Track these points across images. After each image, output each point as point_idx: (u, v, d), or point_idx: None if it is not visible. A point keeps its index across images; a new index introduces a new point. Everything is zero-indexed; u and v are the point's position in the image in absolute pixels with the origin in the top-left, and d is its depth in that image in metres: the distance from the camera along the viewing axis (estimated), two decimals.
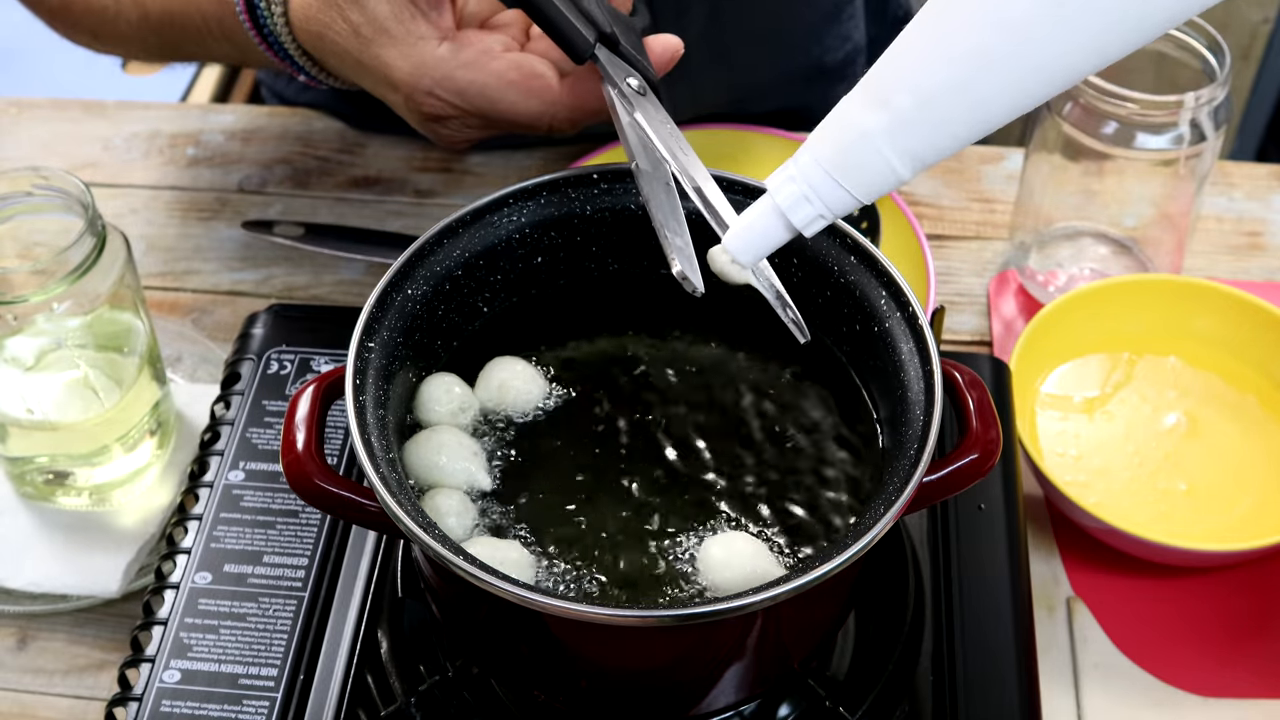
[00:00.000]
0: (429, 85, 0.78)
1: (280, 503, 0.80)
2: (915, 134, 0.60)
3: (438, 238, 0.73)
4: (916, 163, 0.61)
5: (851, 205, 0.63)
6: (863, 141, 0.61)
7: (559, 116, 0.79)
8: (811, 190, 0.62)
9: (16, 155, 1.17)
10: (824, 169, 0.62)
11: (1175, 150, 0.94)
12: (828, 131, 0.62)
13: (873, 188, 0.62)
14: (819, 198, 0.62)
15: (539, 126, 0.79)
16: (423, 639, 0.75)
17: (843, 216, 0.64)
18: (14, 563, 0.87)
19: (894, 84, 0.60)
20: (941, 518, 0.79)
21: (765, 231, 0.64)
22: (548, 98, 0.78)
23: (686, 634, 0.63)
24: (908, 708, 0.73)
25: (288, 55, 0.87)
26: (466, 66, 0.78)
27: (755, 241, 0.64)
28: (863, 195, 0.62)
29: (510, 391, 0.73)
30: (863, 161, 0.61)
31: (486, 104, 0.78)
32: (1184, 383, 0.94)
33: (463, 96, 0.78)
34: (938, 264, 1.05)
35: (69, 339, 0.85)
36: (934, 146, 0.61)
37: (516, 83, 0.78)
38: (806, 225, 0.63)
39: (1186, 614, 0.86)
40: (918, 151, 0.61)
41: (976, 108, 0.60)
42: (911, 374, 0.68)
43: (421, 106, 0.80)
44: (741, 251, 0.65)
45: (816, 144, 0.62)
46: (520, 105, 0.78)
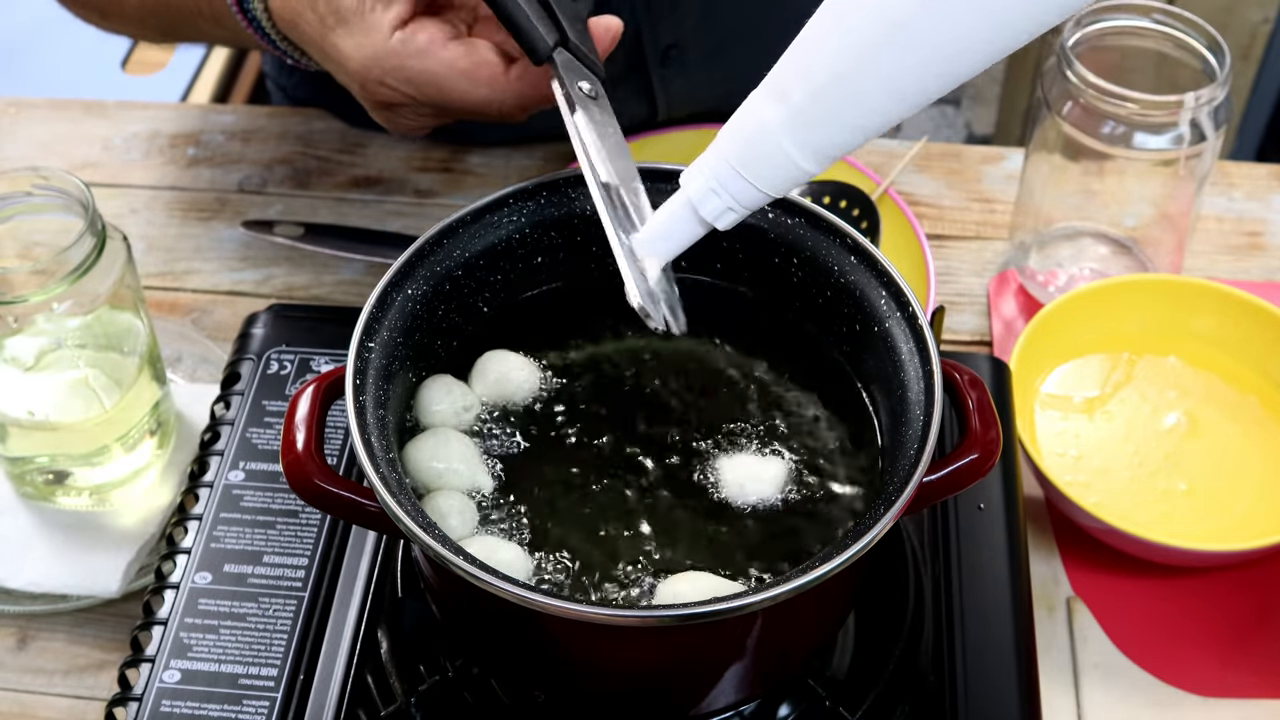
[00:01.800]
0: (379, 75, 0.80)
1: (280, 503, 0.80)
2: (811, 127, 0.62)
3: (438, 238, 0.73)
4: (818, 155, 0.62)
5: (759, 198, 0.64)
6: (763, 136, 0.62)
7: (507, 104, 0.80)
8: (719, 184, 0.64)
9: (16, 155, 1.17)
10: (729, 163, 0.63)
11: (1175, 150, 0.94)
12: (734, 126, 0.63)
13: (776, 181, 0.63)
14: (726, 191, 0.64)
15: (489, 114, 0.81)
16: (423, 639, 0.75)
17: (753, 209, 0.65)
18: (14, 563, 0.87)
19: (789, 78, 0.62)
20: (941, 518, 0.79)
21: (679, 225, 0.66)
22: (496, 86, 0.79)
23: (686, 634, 0.63)
24: (908, 708, 0.73)
25: (273, 42, 0.89)
26: (417, 55, 0.79)
27: (671, 236, 0.66)
28: (767, 188, 0.64)
29: (508, 384, 0.73)
30: (764, 155, 0.63)
31: (436, 92, 0.80)
32: (1184, 383, 0.94)
33: (413, 85, 0.80)
34: (938, 264, 1.05)
35: (69, 339, 0.85)
36: (830, 140, 0.62)
37: (466, 71, 0.79)
38: (716, 218, 0.65)
39: (1186, 614, 0.86)
40: (816, 144, 0.62)
41: (864, 101, 0.61)
42: (911, 374, 0.68)
43: (375, 95, 0.82)
44: (657, 245, 0.67)
45: (724, 138, 0.64)
46: (470, 93, 0.80)
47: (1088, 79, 0.93)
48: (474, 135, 1.14)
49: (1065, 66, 0.94)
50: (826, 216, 0.73)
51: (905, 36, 0.59)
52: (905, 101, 0.61)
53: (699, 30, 1.10)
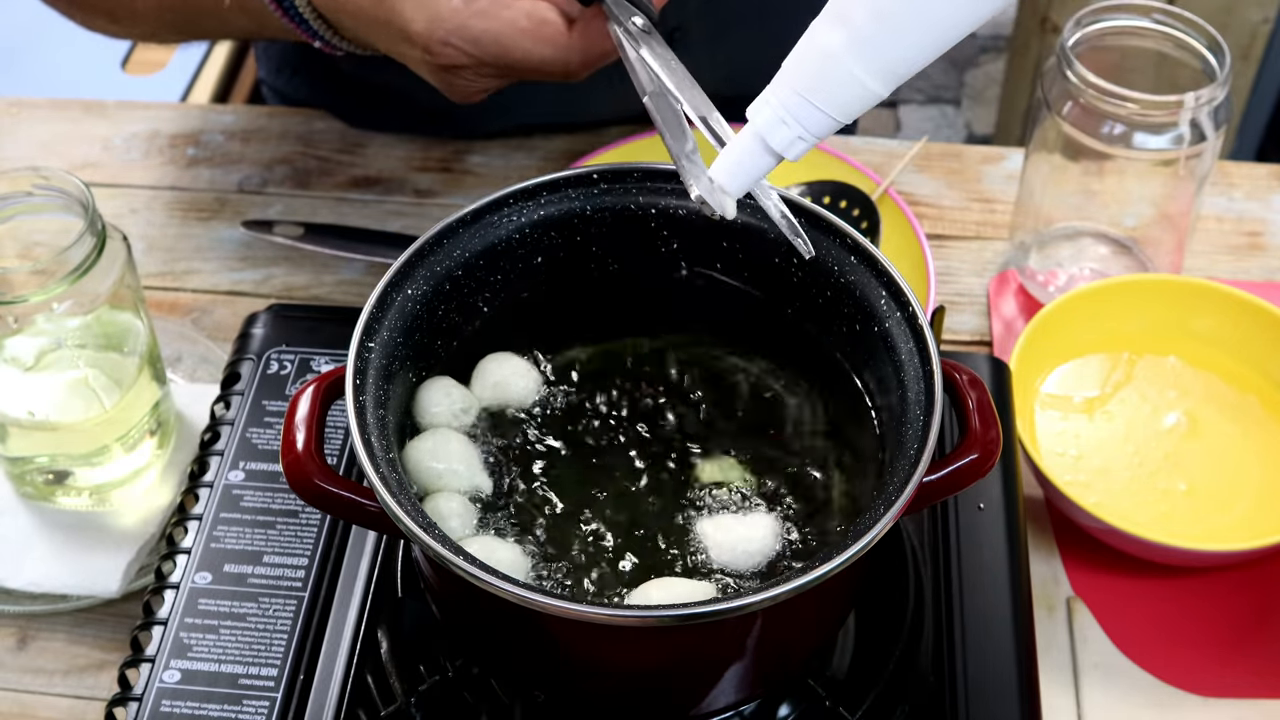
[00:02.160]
0: (443, 35, 0.80)
1: (280, 503, 0.80)
2: (876, 47, 0.61)
3: (438, 238, 0.73)
4: (886, 75, 0.62)
5: (829, 125, 0.64)
6: (828, 60, 0.62)
7: (572, 61, 0.80)
8: (787, 113, 0.63)
9: (16, 155, 1.17)
10: (796, 91, 0.63)
11: (1175, 150, 0.94)
12: (798, 54, 0.63)
13: (847, 106, 0.63)
14: (795, 119, 0.63)
15: (553, 72, 0.81)
16: (423, 639, 0.75)
17: (823, 137, 0.64)
18: (14, 563, 0.87)
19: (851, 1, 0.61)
20: (941, 518, 0.79)
21: (749, 158, 0.65)
22: (560, 43, 0.80)
23: (686, 634, 0.63)
24: (908, 708, 0.73)
25: (303, 21, 0.88)
26: (480, 15, 0.79)
27: (741, 170, 0.66)
28: (837, 114, 0.63)
29: (508, 389, 0.73)
30: (831, 80, 0.62)
31: (501, 51, 0.80)
32: (1184, 383, 0.94)
33: (478, 45, 0.80)
34: (938, 264, 1.05)
35: (69, 339, 0.85)
36: (899, 58, 0.62)
37: (529, 30, 0.79)
38: (786, 148, 0.64)
39: (1186, 614, 0.86)
40: (883, 65, 0.62)
41: (930, 15, 0.60)
42: (911, 374, 0.68)
43: (438, 58, 0.81)
44: (730, 180, 0.66)
45: (789, 67, 0.63)
46: (534, 52, 0.80)
47: (1088, 79, 0.93)
48: (475, 129, 1.14)
49: (1065, 66, 0.94)
50: (826, 216, 0.73)
51: None
52: (968, 11, 0.61)
53: (702, 13, 1.10)
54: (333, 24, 0.88)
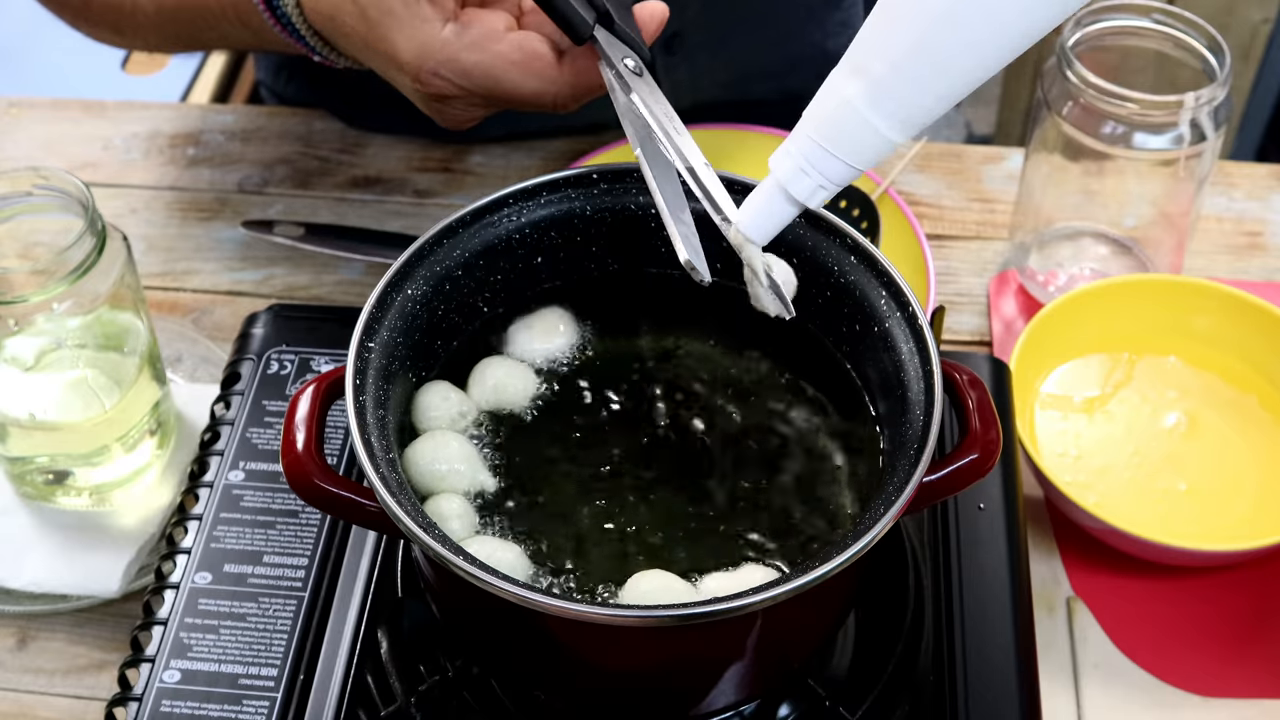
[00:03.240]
0: (434, 66, 0.80)
1: (280, 503, 0.80)
2: (894, 97, 0.62)
3: (438, 238, 0.73)
4: (905, 125, 0.63)
5: (849, 174, 0.65)
6: (846, 110, 0.63)
7: (561, 94, 0.80)
8: (807, 163, 0.64)
9: (16, 155, 1.17)
10: (815, 141, 0.64)
11: (1175, 150, 0.94)
12: (817, 104, 0.64)
13: (865, 154, 0.64)
14: (815, 169, 0.64)
15: (542, 104, 0.81)
16: (423, 639, 0.75)
17: (844, 185, 0.65)
18: (14, 563, 0.87)
19: (869, 51, 0.62)
20: (941, 518, 0.79)
21: (771, 208, 0.66)
22: (549, 76, 0.79)
23: (686, 634, 0.63)
24: (908, 708, 0.73)
25: (301, 37, 0.88)
26: (470, 48, 0.79)
27: (763, 219, 0.67)
28: (856, 162, 0.64)
29: (506, 390, 0.73)
30: (849, 129, 0.63)
31: (491, 83, 0.80)
32: (1184, 383, 0.94)
33: (467, 77, 0.80)
34: (938, 264, 1.05)
35: (69, 339, 0.85)
36: (917, 107, 0.63)
37: (519, 63, 0.79)
38: (809, 197, 0.65)
39: (1186, 614, 0.86)
40: (901, 114, 0.63)
41: (946, 67, 0.61)
42: (911, 374, 0.68)
43: (427, 87, 0.81)
44: (753, 229, 0.67)
45: (808, 117, 0.64)
46: (523, 85, 0.79)
47: (1088, 79, 0.93)
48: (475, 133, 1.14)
49: (1065, 66, 0.94)
50: (826, 216, 0.73)
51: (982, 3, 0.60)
52: (985, 62, 0.62)
53: (701, 18, 1.10)
54: (329, 42, 0.88)
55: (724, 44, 1.13)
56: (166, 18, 0.99)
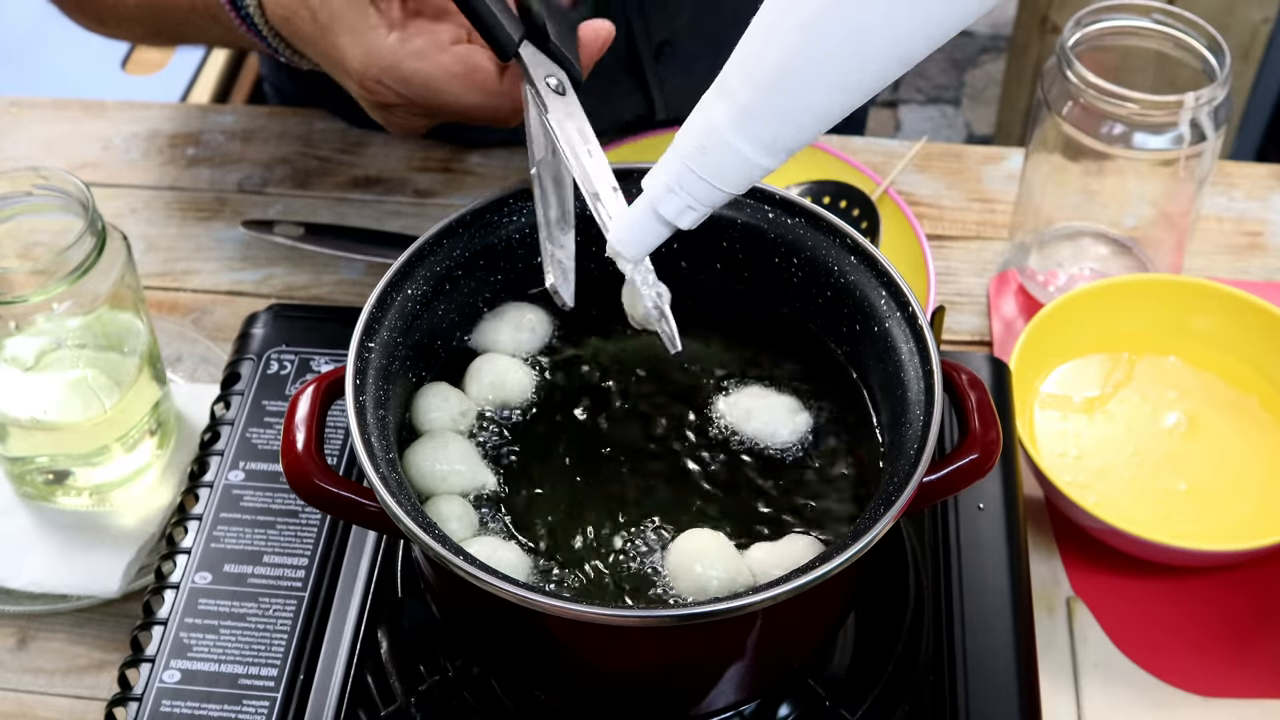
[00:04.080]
0: (376, 74, 0.81)
1: (280, 503, 0.80)
2: (757, 121, 0.62)
3: (438, 238, 0.73)
4: (769, 149, 0.62)
5: (717, 196, 0.64)
6: (713, 133, 0.62)
7: (501, 108, 0.81)
8: (677, 184, 0.64)
9: (16, 155, 1.17)
10: (684, 163, 0.64)
11: (1175, 150, 0.94)
12: (688, 126, 0.64)
13: (731, 178, 0.63)
14: (684, 190, 0.64)
15: (481, 118, 0.81)
16: (423, 639, 0.75)
17: (715, 207, 0.65)
18: (14, 563, 0.87)
19: (734, 74, 0.62)
20: (941, 518, 0.79)
21: (643, 226, 0.66)
22: (490, 90, 0.80)
23: (686, 634, 0.63)
24: (908, 708, 0.73)
25: (264, 38, 0.89)
26: (413, 56, 0.80)
27: (636, 236, 0.67)
28: (723, 185, 0.64)
29: (504, 388, 0.73)
30: (716, 153, 0.63)
31: (430, 94, 0.80)
32: (1184, 383, 0.94)
33: (408, 86, 0.80)
34: (938, 264, 1.05)
35: (69, 339, 0.85)
36: (779, 132, 0.62)
37: (460, 75, 0.80)
38: (677, 216, 0.65)
39: (1186, 614, 0.86)
40: (765, 139, 0.62)
41: (804, 91, 0.61)
42: (911, 374, 0.68)
43: (370, 94, 0.82)
44: (626, 246, 0.67)
45: (680, 138, 0.64)
46: (463, 97, 0.80)
47: (1088, 79, 0.93)
48: (474, 137, 1.14)
49: (1065, 66, 0.94)
50: (826, 216, 0.73)
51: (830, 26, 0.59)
52: (847, 91, 0.61)
53: (692, 26, 1.10)
54: (289, 44, 0.89)
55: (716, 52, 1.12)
56: (146, 11, 1.00)
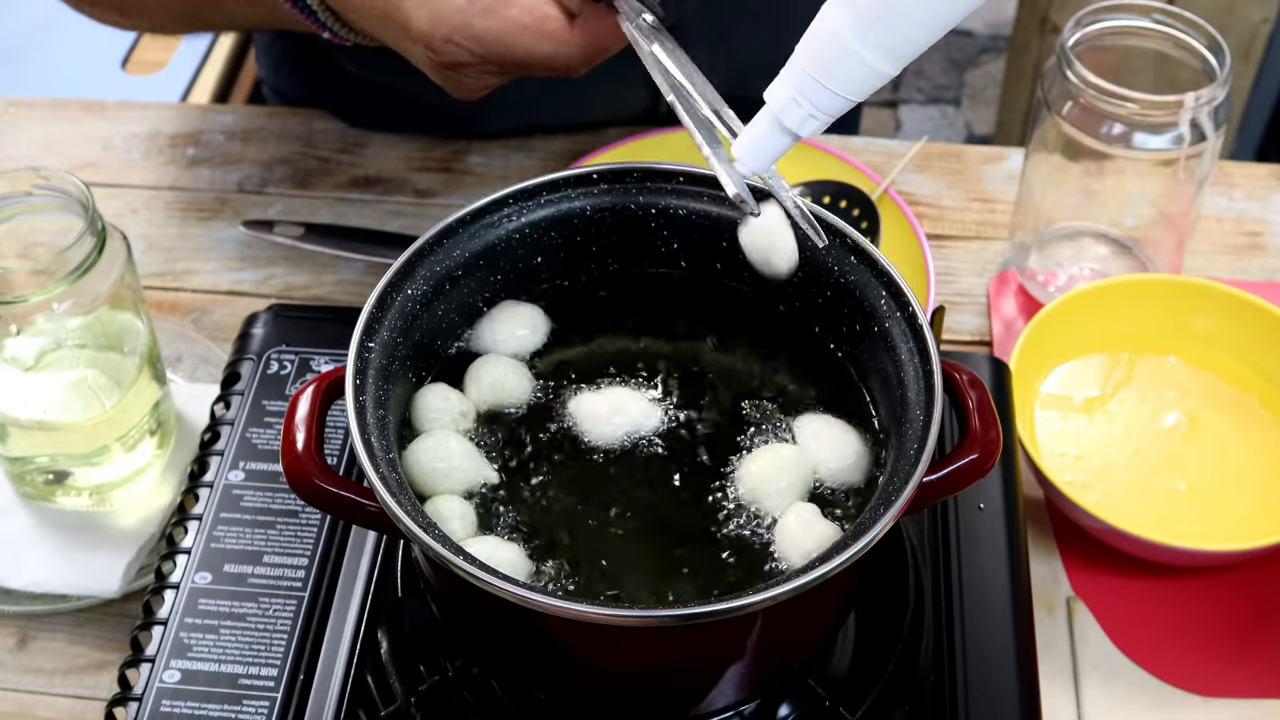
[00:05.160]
0: (446, 33, 0.80)
1: (280, 503, 0.80)
2: (880, 27, 0.62)
3: (438, 238, 0.73)
4: (891, 55, 0.63)
5: (840, 104, 0.65)
6: (835, 40, 0.63)
7: (574, 57, 0.81)
8: (799, 93, 0.65)
9: (16, 155, 1.17)
10: (806, 71, 0.64)
11: (1175, 150, 0.94)
12: (809, 35, 0.65)
13: (853, 85, 0.64)
14: (807, 99, 0.65)
15: (554, 68, 0.82)
16: (423, 639, 0.75)
17: (836, 115, 0.65)
18: (14, 563, 0.87)
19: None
20: (941, 518, 0.79)
21: (765, 137, 0.67)
22: (561, 39, 0.81)
23: (686, 634, 0.63)
24: (908, 708, 0.73)
25: (312, 12, 0.88)
26: (482, 14, 0.80)
27: (760, 147, 0.67)
28: (846, 92, 0.64)
29: (503, 389, 0.73)
30: (837, 60, 0.63)
31: (503, 49, 0.81)
32: (1184, 383, 0.94)
33: (480, 43, 0.81)
34: (938, 264, 1.05)
35: (69, 339, 0.85)
36: (903, 37, 0.63)
37: (530, 27, 0.80)
38: (800, 125, 0.66)
39: (1186, 614, 0.86)
40: (886, 44, 0.63)
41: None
42: (911, 374, 0.68)
43: (441, 56, 0.82)
44: (748, 158, 0.68)
45: (801, 48, 0.65)
46: (535, 49, 0.81)
47: (1088, 79, 0.93)
48: (479, 127, 1.14)
49: (1065, 66, 0.94)
50: (827, 216, 0.73)
51: None
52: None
53: (700, 12, 1.10)
54: (340, 16, 0.88)
55: (723, 37, 1.13)
56: None
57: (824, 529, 0.67)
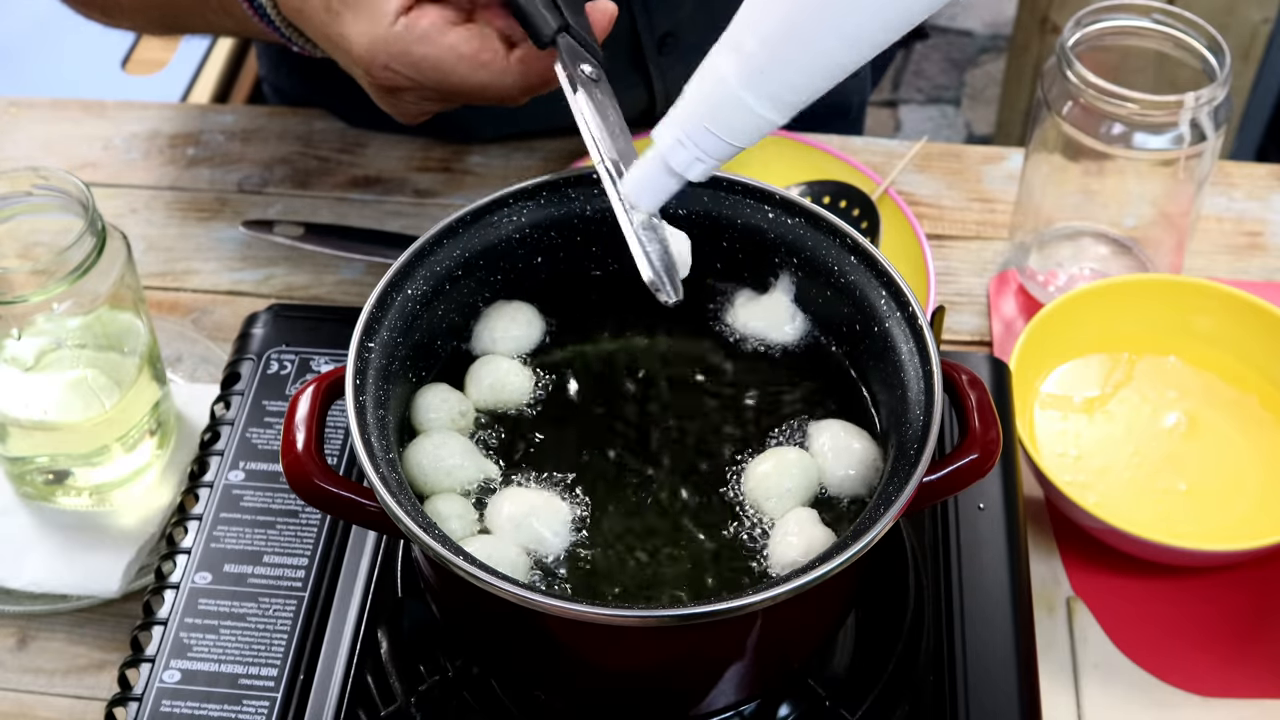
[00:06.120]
0: (384, 60, 0.81)
1: (280, 503, 0.80)
2: (765, 74, 0.62)
3: (438, 238, 0.73)
4: (776, 103, 0.63)
5: (726, 149, 0.64)
6: (720, 86, 0.63)
7: (508, 87, 0.81)
8: (685, 136, 0.64)
9: (16, 155, 1.17)
10: (693, 115, 0.64)
11: (1175, 150, 0.94)
12: (697, 79, 0.64)
13: (739, 131, 0.64)
14: (692, 143, 0.64)
15: (489, 97, 0.82)
16: (423, 639, 0.75)
17: (724, 160, 0.65)
18: (14, 563, 0.87)
19: (742, 27, 0.62)
20: (941, 518, 0.79)
21: (653, 178, 0.67)
22: (497, 69, 0.80)
23: (686, 634, 0.63)
24: (908, 708, 0.73)
25: (277, 28, 0.89)
26: (421, 40, 0.80)
27: (646, 188, 0.67)
28: (731, 139, 0.64)
29: (503, 389, 0.73)
30: (724, 106, 0.63)
31: (440, 76, 0.81)
32: (1184, 383, 0.94)
33: (417, 70, 0.81)
34: (938, 264, 1.05)
35: (69, 339, 0.85)
36: (787, 86, 0.62)
37: (467, 56, 0.80)
38: (686, 168, 0.65)
39: (1186, 614, 0.86)
40: (772, 92, 0.62)
41: (813, 44, 0.61)
42: (911, 374, 0.68)
43: (379, 80, 0.82)
44: (637, 196, 0.68)
45: (688, 91, 0.64)
46: (471, 77, 0.81)
47: (1088, 79, 0.93)
48: (474, 132, 1.14)
49: (1065, 66, 0.94)
50: (826, 216, 0.73)
51: None
52: (855, 45, 0.61)
53: (695, 17, 1.10)
54: (302, 33, 0.89)
55: None
56: (152, 3, 1.01)
57: (819, 534, 0.67)
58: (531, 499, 0.68)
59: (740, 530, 0.68)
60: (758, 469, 0.69)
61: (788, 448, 0.70)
